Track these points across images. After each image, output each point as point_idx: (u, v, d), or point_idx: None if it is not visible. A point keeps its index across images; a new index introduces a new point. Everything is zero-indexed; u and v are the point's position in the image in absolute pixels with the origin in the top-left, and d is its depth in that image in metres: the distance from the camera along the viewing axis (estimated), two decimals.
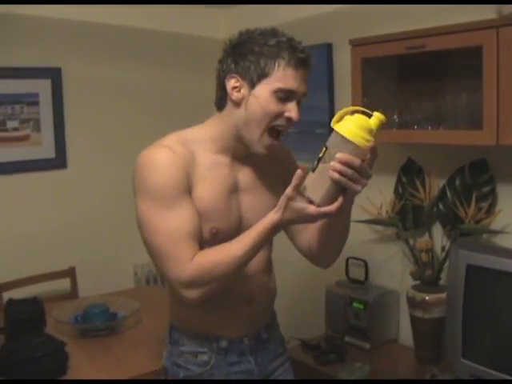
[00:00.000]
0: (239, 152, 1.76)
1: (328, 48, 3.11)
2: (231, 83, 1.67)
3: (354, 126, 1.49)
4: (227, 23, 3.81)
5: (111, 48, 3.54)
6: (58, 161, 3.41)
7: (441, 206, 2.64)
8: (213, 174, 1.72)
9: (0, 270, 3.14)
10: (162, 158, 1.65)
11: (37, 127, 3.34)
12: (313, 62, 1.69)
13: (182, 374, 1.83)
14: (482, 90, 2.21)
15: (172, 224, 1.62)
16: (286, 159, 1.93)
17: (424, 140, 2.53)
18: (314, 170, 1.51)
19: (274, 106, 1.64)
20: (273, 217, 1.58)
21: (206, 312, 1.78)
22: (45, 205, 3.38)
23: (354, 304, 2.85)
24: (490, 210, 2.50)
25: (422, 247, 2.64)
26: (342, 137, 1.48)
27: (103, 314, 2.69)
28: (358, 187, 1.51)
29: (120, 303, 2.80)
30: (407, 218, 2.76)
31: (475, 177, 2.54)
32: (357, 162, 1.48)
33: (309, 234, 1.84)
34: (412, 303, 2.64)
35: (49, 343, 2.33)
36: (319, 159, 1.51)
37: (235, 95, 1.67)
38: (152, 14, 3.60)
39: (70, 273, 3.31)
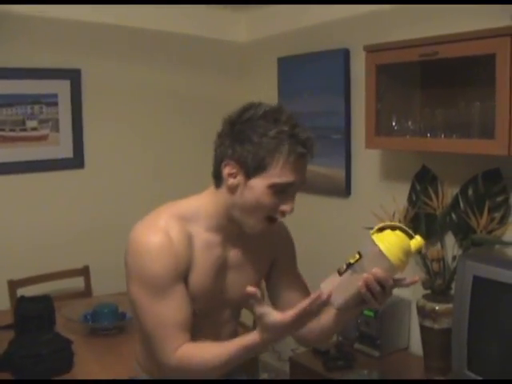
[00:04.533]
0: (232, 231, 1.69)
1: (345, 53, 3.10)
2: (227, 169, 1.58)
3: (396, 245, 1.46)
4: (248, 26, 3.82)
5: (130, 50, 3.57)
6: (76, 161, 3.46)
7: (453, 216, 2.61)
8: (206, 256, 1.66)
9: (15, 267, 3.20)
10: (156, 245, 1.57)
11: (55, 127, 3.40)
12: (315, 148, 1.57)
13: None
14: (494, 98, 2.19)
15: (161, 313, 1.58)
16: (278, 237, 1.85)
17: (437, 148, 2.50)
18: (341, 274, 1.48)
19: (269, 200, 1.56)
20: (254, 337, 1.50)
21: None
22: (62, 204, 3.43)
23: (365, 311, 2.82)
24: (503, 221, 2.46)
25: (434, 256, 2.61)
26: (382, 252, 1.45)
27: (112, 314, 2.72)
28: (378, 306, 1.49)
29: None
30: (420, 227, 2.72)
31: (488, 186, 2.50)
32: (390, 282, 1.46)
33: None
34: (422, 313, 2.61)
35: (56, 341, 2.36)
36: (349, 265, 1.48)
37: (231, 181, 1.59)
38: (172, 17, 3.63)
39: (84, 272, 3.35)
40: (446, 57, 2.31)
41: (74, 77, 3.40)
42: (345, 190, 3.14)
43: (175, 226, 1.61)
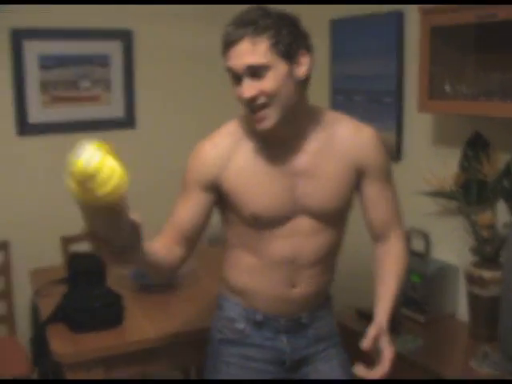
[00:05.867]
0: (279, 135, 1.75)
1: (399, 15, 3.03)
2: None
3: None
4: None
5: (183, 12, 3.58)
6: (127, 121, 3.53)
7: (505, 182, 2.56)
8: (257, 159, 1.76)
9: (67, 224, 3.27)
10: (200, 153, 1.80)
11: (107, 88, 3.46)
12: (239, 33, 1.61)
13: (218, 337, 1.91)
14: None
15: (177, 205, 1.82)
16: (364, 146, 1.82)
17: (491, 113, 2.44)
18: None
19: (234, 88, 1.69)
20: None
21: (249, 288, 1.85)
22: None
23: (412, 276, 2.82)
24: None
25: (484, 223, 2.57)
26: None
27: None
28: None
29: None
30: (470, 193, 2.68)
31: None
32: None
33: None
34: (470, 279, 2.59)
35: (107, 295, 2.43)
36: None
37: None
38: None
39: None
40: (504, 19, 2.24)
41: (125, 38, 3.45)
42: (396, 154, 3.11)
43: (226, 139, 1.79)
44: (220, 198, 1.81)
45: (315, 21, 3.66)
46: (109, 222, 1.36)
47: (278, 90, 1.63)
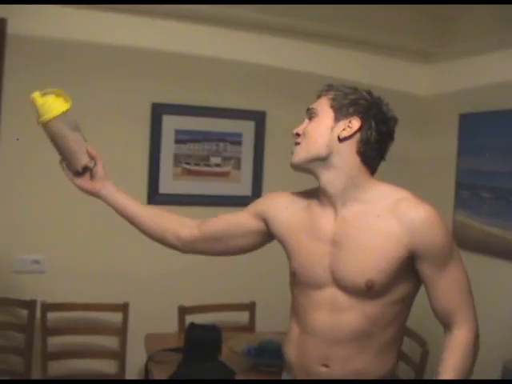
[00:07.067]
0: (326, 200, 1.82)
1: None
2: None
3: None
4: (430, 80, 3.81)
5: (310, 95, 3.68)
6: (254, 199, 3.57)
7: None
8: (304, 219, 1.86)
9: (185, 295, 3.37)
10: (271, 193, 2.09)
11: (237, 165, 3.58)
12: (320, 91, 1.93)
13: None
14: None
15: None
16: (418, 225, 1.65)
17: None
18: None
19: None
20: None
21: (289, 359, 1.86)
22: None
23: None
24: None
25: None
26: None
27: (276, 351, 2.75)
28: None
29: None
30: None
31: None
32: None
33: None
34: None
35: (221, 370, 2.45)
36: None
37: None
38: (351, 65, 3.73)
39: (250, 307, 3.45)
40: None
41: (259, 118, 3.58)
42: None
43: (295, 196, 1.98)
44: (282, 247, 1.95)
45: (444, 114, 3.70)
46: (58, 148, 1.87)
47: (312, 132, 1.80)
